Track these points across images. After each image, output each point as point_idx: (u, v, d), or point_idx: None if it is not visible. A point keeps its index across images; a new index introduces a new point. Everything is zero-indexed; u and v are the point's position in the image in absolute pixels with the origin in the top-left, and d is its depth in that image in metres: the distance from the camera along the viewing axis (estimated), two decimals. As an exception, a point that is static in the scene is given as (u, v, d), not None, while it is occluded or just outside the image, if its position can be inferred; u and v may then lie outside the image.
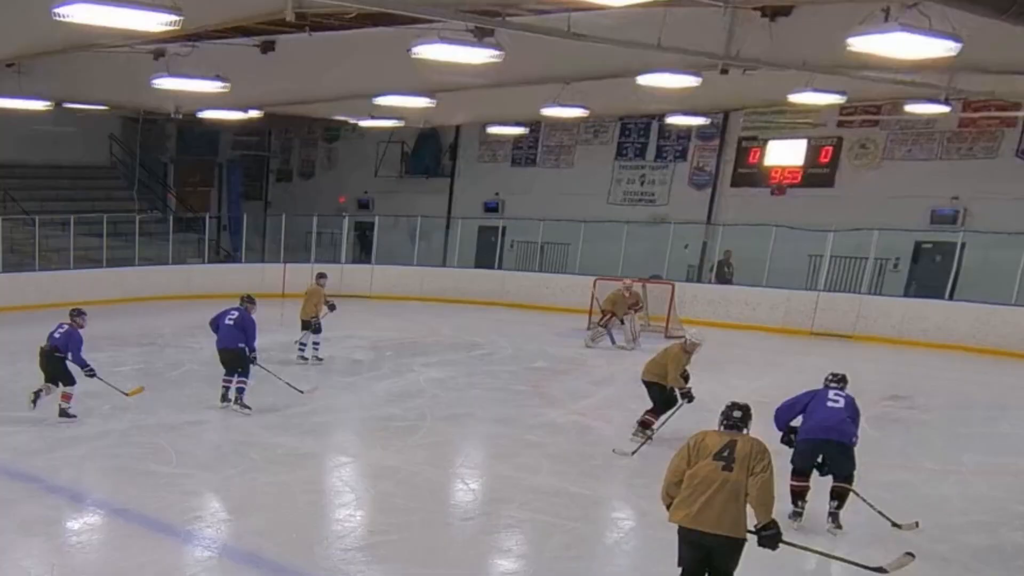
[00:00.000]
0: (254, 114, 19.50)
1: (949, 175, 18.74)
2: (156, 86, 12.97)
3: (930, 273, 18.76)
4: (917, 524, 7.57)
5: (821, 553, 6.45)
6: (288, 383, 11.93)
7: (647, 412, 10.24)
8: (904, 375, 13.46)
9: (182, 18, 7.66)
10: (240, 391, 11.25)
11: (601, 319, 16.82)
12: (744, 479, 5.53)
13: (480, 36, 9.98)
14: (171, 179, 29.21)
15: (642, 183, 23.30)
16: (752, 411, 6.02)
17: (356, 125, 23.39)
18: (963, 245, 18.08)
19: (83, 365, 10.50)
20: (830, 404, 7.70)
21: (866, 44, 8.31)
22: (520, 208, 24.27)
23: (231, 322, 11.27)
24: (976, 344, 16.72)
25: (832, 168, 20.39)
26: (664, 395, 10.22)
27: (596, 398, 12.80)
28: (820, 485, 7.76)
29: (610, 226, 21.86)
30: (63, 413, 10.52)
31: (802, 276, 19.62)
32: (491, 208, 25.43)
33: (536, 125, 23.78)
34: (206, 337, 12.03)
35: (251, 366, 11.33)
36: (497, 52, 9.96)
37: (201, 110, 18.33)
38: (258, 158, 30.37)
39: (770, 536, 5.59)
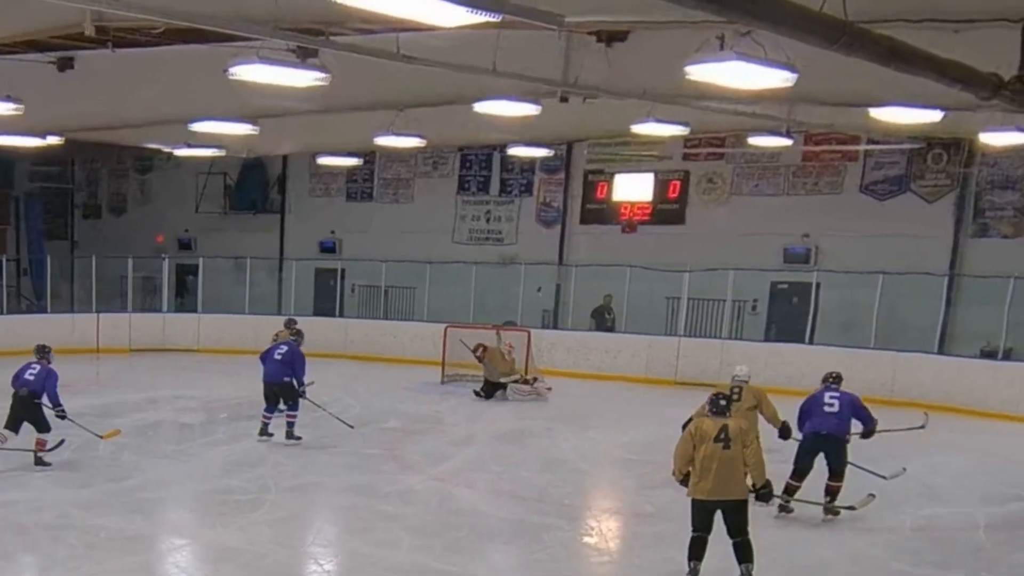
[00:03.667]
0: (53, 140, 18.76)
1: (798, 211, 19.71)
2: (-65, 107, 12.41)
3: (788, 315, 19.57)
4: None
5: (801, 500, 9.30)
6: (338, 418, 13.46)
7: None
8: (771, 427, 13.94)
9: (-39, 29, 7.38)
10: (290, 424, 12.81)
11: (476, 349, 17.05)
12: (740, 452, 7.78)
13: (303, 56, 9.99)
14: (-42, 215, 27.83)
15: (488, 220, 23.63)
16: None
17: (171, 154, 22.87)
18: (818, 285, 18.99)
19: (57, 404, 10.96)
20: (826, 408, 9.81)
21: (703, 72, 8.70)
22: (359, 248, 24.23)
23: (280, 356, 12.92)
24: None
25: (682, 204, 21.19)
26: None
27: (456, 460, 12.73)
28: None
29: (458, 267, 22.05)
30: (39, 461, 11.00)
31: (661, 320, 20.20)
32: (327, 248, 25.30)
33: (371, 156, 23.81)
34: (5, 399, 11.42)
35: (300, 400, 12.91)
36: (323, 74, 10.00)
37: (-9, 135, 17.54)
38: (61, 191, 29.39)
39: (765, 493, 8.28)
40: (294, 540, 9.42)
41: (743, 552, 7.84)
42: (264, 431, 12.92)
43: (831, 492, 9.81)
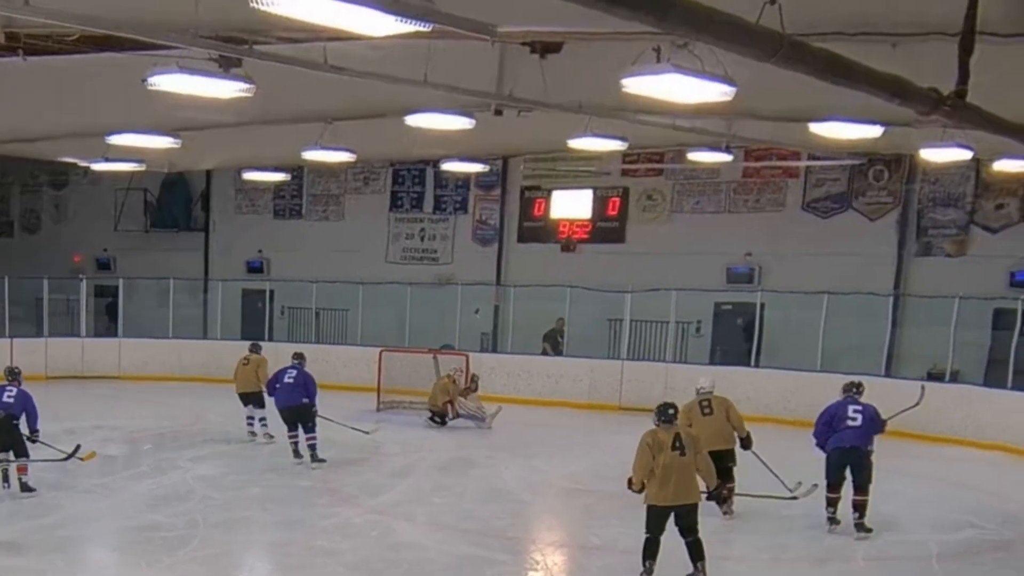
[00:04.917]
0: (-39, 154, 18.43)
1: (740, 229, 19.96)
2: None
3: (733, 337, 19.74)
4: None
5: (748, 495, 10.76)
6: (352, 427, 14.42)
7: (726, 485, 10.54)
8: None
9: None
10: (312, 447, 13.44)
11: (440, 411, 16.97)
12: (693, 458, 8.49)
13: (226, 66, 9.84)
14: None
15: (422, 238, 23.61)
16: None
17: (88, 169, 22.44)
18: (762, 306, 19.17)
19: (34, 430, 11.30)
20: (849, 423, 10.33)
21: (640, 85, 8.73)
22: (288, 268, 24.08)
23: (291, 380, 13.61)
24: (788, 415, 17.06)
25: (621, 221, 21.36)
26: (732, 457, 10.89)
27: (395, 492, 12.61)
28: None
29: (392, 288, 21.93)
30: (25, 487, 11.30)
31: (604, 343, 20.26)
32: (255, 268, 25.11)
33: (299, 171, 23.65)
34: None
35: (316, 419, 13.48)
36: (247, 85, 9.85)
37: None
38: (-31, 208, 28.71)
39: (717, 494, 9.78)
40: (225, 580, 9.25)
41: (697, 550, 8.51)
42: (297, 453, 13.55)
43: (858, 507, 10.33)
